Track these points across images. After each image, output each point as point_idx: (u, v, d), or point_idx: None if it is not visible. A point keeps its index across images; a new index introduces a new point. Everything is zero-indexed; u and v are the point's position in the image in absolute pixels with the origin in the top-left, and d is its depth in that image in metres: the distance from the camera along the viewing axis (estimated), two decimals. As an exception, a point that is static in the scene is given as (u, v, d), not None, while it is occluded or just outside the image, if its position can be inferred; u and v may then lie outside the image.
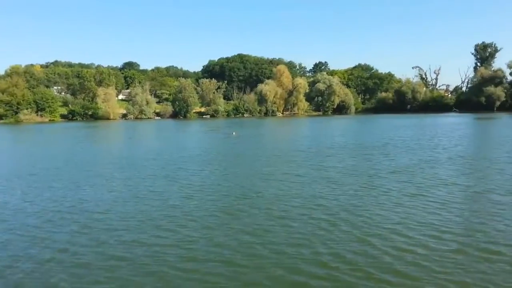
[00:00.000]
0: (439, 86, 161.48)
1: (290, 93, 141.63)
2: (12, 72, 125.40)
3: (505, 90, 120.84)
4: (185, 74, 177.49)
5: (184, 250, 10.04)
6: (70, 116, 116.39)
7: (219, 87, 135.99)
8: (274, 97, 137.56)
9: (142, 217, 12.99)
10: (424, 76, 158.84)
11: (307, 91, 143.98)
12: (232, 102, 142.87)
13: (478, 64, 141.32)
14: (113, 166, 24.68)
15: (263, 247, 10.08)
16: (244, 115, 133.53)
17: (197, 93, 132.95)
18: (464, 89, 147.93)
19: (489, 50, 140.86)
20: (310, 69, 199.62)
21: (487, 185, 16.71)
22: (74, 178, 20.49)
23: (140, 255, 9.80)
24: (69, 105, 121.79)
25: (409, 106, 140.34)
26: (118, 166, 24.33)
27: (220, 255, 9.64)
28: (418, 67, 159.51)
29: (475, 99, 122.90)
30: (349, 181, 17.90)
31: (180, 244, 10.42)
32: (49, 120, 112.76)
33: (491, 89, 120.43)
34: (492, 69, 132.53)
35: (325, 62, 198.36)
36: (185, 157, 28.31)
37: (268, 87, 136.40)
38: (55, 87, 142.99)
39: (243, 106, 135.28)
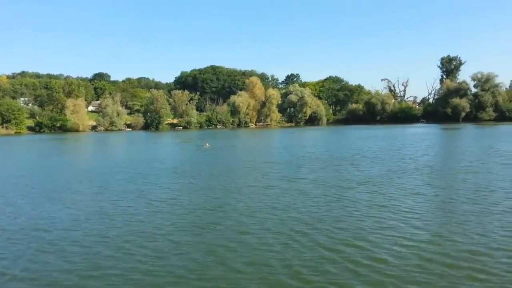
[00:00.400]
0: (407, 98, 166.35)
1: (263, 105, 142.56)
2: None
3: (470, 102, 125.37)
4: (157, 86, 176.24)
5: (152, 266, 9.85)
6: (37, 128, 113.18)
7: (191, 99, 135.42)
8: (247, 108, 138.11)
9: (107, 234, 12.65)
10: (392, 88, 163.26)
11: (280, 102, 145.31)
12: (205, 113, 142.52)
13: (444, 76, 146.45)
14: (76, 180, 23.91)
15: (234, 261, 10.01)
16: (217, 126, 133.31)
17: (170, 104, 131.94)
18: (431, 100, 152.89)
19: (454, 63, 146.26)
20: (282, 81, 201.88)
21: (450, 195, 17.22)
22: (33, 193, 19.80)
23: (107, 273, 9.55)
24: (37, 117, 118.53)
25: (378, 117, 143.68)
26: (81, 180, 23.60)
27: (190, 270, 9.51)
28: (387, 79, 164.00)
29: (442, 110, 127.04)
30: (320, 192, 18.08)
31: (148, 261, 10.22)
32: (15, 132, 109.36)
33: (456, 100, 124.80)
34: (457, 81, 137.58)
35: (297, 74, 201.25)
36: (155, 169, 27.92)
37: (241, 99, 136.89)
38: (22, 99, 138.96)
39: (216, 118, 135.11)
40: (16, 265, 10.32)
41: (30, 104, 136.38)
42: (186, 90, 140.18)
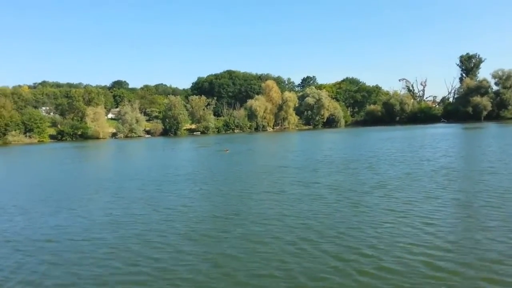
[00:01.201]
0: (426, 98, 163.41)
1: (280, 108, 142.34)
2: (0, 94, 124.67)
3: (491, 100, 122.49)
4: (175, 92, 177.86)
5: (157, 279, 9.73)
6: (59, 137, 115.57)
7: (208, 104, 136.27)
8: (264, 112, 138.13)
9: (115, 244, 12.56)
10: (411, 88, 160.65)
11: (297, 105, 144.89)
12: (222, 118, 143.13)
13: (464, 74, 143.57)
14: (92, 188, 24.02)
15: (241, 273, 9.77)
16: (235, 130, 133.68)
17: (187, 110, 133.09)
18: (451, 99, 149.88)
19: (473, 61, 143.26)
20: (299, 84, 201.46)
21: (469, 198, 16.62)
22: (47, 201, 20.01)
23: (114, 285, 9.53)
24: (58, 125, 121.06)
25: (397, 117, 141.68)
26: (97, 189, 23.63)
27: (196, 283, 9.38)
28: (405, 79, 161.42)
29: (462, 109, 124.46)
30: (334, 198, 17.67)
31: (155, 273, 10.05)
32: (38, 141, 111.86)
33: (477, 99, 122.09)
34: (477, 79, 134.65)
35: (313, 76, 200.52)
36: (170, 176, 28.00)
37: (257, 103, 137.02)
38: (44, 108, 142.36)
39: (234, 122, 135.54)
40: (16, 275, 10.33)
41: (52, 113, 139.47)
42: (203, 95, 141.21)
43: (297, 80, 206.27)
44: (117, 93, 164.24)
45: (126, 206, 18.12)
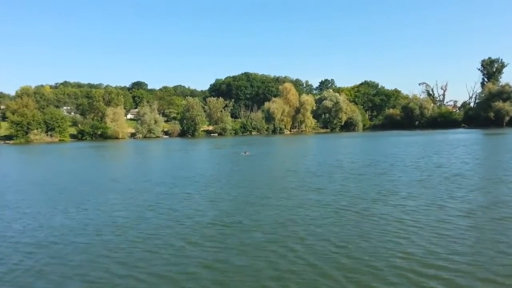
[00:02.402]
0: (446, 102, 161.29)
1: (297, 111, 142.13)
2: (23, 93, 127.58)
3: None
4: (193, 93, 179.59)
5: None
6: (79, 136, 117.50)
7: (226, 106, 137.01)
8: (281, 114, 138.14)
9: (119, 247, 12.20)
10: (431, 92, 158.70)
11: (314, 108, 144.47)
12: (239, 120, 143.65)
13: (485, 79, 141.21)
14: (101, 189, 23.63)
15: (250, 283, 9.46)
16: (252, 133, 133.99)
17: (205, 111, 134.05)
18: (472, 104, 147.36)
19: (495, 65, 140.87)
20: (317, 87, 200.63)
21: (483, 210, 15.60)
22: (52, 202, 19.79)
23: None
24: (79, 125, 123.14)
25: (417, 122, 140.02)
26: (105, 190, 23.11)
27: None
28: (425, 83, 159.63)
29: (484, 115, 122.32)
30: (353, 207, 16.87)
31: (154, 280, 9.76)
32: (59, 140, 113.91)
33: (499, 104, 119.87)
34: (500, 84, 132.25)
35: (331, 79, 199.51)
36: (180, 178, 27.39)
37: (275, 105, 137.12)
38: (65, 107, 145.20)
39: (251, 124, 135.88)
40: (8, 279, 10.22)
41: (73, 113, 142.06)
42: (220, 97, 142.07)
43: (315, 83, 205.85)
44: (136, 94, 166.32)
45: (135, 208, 17.66)
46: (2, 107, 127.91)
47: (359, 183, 22.61)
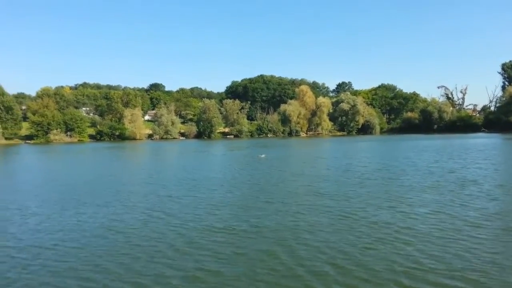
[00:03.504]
0: (466, 106, 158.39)
1: (314, 113, 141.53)
2: (43, 94, 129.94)
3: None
4: (209, 95, 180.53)
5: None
6: (98, 136, 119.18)
7: (242, 108, 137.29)
8: (297, 117, 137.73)
9: (123, 251, 12.02)
10: (450, 96, 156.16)
11: (331, 111, 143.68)
12: (255, 122, 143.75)
13: (506, 83, 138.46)
14: (108, 191, 23.42)
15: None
16: (268, 135, 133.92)
17: (221, 113, 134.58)
18: (492, 108, 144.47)
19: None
20: (333, 89, 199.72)
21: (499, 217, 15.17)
22: (54, 203, 19.96)
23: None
24: (97, 126, 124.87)
25: (435, 126, 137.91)
26: (114, 192, 22.99)
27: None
28: (444, 86, 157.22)
29: (505, 119, 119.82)
30: (363, 214, 16.47)
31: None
32: (78, 140, 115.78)
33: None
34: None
35: (349, 82, 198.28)
36: (188, 181, 27.83)
37: (291, 107, 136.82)
38: (84, 108, 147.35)
39: (267, 126, 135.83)
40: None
41: (91, 114, 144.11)
42: (237, 99, 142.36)
43: (332, 86, 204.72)
44: (154, 95, 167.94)
45: (135, 215, 17.04)
46: (23, 107, 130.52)
47: (371, 189, 21.94)
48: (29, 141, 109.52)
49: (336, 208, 17.15)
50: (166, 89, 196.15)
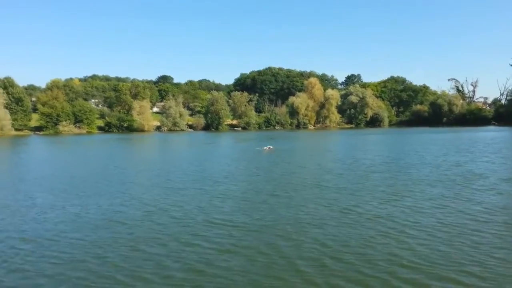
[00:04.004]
0: (476, 99, 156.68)
1: (322, 106, 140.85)
2: (53, 86, 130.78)
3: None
4: (217, 87, 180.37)
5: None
6: (106, 128, 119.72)
7: (250, 100, 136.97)
8: (305, 109, 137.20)
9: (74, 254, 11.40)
10: (460, 89, 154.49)
11: (339, 103, 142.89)
12: (263, 114, 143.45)
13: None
14: (103, 183, 23.43)
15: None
16: (276, 127, 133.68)
17: (229, 105, 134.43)
18: (503, 101, 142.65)
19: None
20: (342, 82, 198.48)
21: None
22: (44, 197, 20.36)
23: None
24: (106, 117, 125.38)
25: (445, 118, 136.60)
26: (109, 184, 22.81)
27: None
28: (454, 79, 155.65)
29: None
30: (367, 209, 16.52)
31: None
32: (87, 131, 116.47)
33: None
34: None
35: (358, 74, 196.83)
36: (184, 173, 27.92)
37: (299, 100, 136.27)
38: (93, 100, 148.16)
39: (275, 119, 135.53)
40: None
41: (100, 105, 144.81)
42: (245, 91, 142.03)
43: (341, 78, 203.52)
44: (162, 87, 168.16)
45: (122, 208, 16.74)
46: (33, 99, 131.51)
47: (375, 182, 21.69)
48: (38, 132, 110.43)
49: (341, 202, 17.01)
50: (175, 81, 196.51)
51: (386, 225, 13.42)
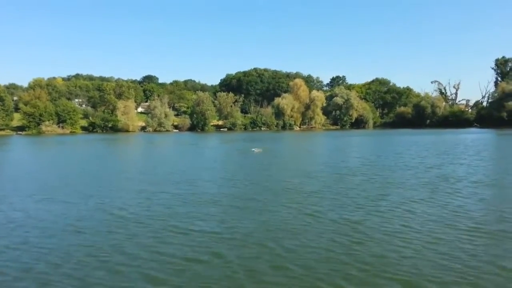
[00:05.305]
0: (459, 101, 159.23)
1: (307, 107, 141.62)
2: (35, 85, 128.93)
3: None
4: (203, 88, 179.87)
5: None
6: (90, 128, 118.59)
7: (236, 101, 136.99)
8: (291, 110, 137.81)
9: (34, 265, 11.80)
10: (443, 91, 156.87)
11: (324, 104, 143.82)
12: (249, 115, 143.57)
13: (499, 78, 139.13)
14: (80, 184, 23.56)
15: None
16: (261, 128, 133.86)
17: (215, 106, 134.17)
18: (484, 104, 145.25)
19: (509, 64, 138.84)
20: (327, 83, 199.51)
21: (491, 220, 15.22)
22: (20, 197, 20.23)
23: None
24: (90, 117, 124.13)
25: (428, 121, 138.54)
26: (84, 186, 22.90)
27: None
28: (437, 81, 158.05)
29: (497, 114, 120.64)
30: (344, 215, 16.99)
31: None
32: (70, 131, 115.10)
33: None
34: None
35: (343, 76, 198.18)
36: (166, 176, 27.91)
37: (285, 101, 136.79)
38: (76, 100, 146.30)
39: (260, 120, 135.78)
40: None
41: (84, 105, 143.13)
42: (231, 92, 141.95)
43: (326, 79, 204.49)
44: (147, 87, 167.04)
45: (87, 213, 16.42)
46: (15, 98, 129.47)
47: (355, 186, 22.01)
48: (20, 132, 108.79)
49: (322, 208, 16.88)
50: (160, 81, 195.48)
51: (358, 230, 13.34)
